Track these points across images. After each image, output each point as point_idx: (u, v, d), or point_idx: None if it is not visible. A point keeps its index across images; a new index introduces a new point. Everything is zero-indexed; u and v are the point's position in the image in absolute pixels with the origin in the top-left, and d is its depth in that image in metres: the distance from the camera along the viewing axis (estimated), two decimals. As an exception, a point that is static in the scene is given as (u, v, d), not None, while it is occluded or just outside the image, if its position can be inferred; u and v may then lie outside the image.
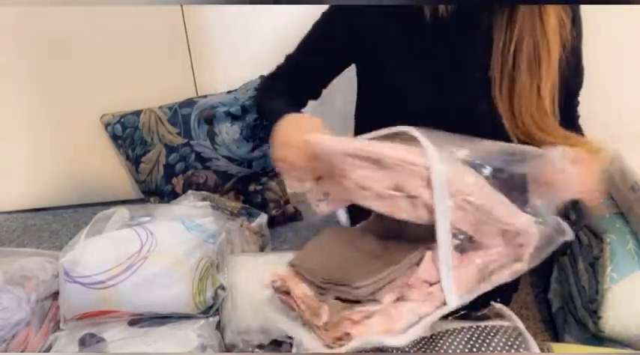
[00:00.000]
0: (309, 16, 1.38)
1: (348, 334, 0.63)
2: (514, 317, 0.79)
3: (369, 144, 0.67)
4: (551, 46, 0.83)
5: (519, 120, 0.87)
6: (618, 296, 0.92)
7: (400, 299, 0.66)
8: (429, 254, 0.67)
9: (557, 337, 1.10)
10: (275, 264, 0.91)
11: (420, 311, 0.65)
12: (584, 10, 0.93)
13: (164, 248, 0.98)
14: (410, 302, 0.65)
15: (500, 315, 0.80)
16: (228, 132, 1.36)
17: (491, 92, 0.87)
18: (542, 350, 0.78)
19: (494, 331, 0.75)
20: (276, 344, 0.98)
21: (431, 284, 0.66)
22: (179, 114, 1.37)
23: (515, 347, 0.72)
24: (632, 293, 0.92)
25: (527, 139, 0.87)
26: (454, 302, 0.65)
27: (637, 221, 1.01)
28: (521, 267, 0.68)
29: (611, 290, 0.92)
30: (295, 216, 1.51)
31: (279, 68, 1.05)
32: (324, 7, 1.01)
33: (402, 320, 0.64)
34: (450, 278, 0.65)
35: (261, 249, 1.30)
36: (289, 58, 1.04)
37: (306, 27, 1.46)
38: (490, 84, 0.87)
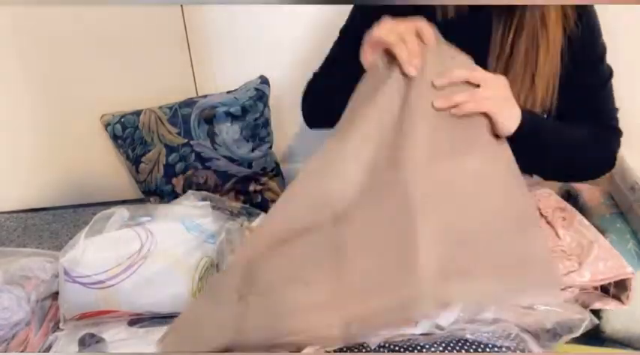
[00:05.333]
0: (309, 15, 1.39)
1: None
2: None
3: None
4: (550, 36, 0.83)
5: None
6: (618, 296, 0.92)
7: None
8: None
9: (557, 337, 1.09)
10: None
11: None
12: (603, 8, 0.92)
13: (164, 248, 0.98)
14: None
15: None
16: (228, 132, 1.36)
17: None
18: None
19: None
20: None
21: None
22: (179, 114, 1.37)
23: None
24: (633, 293, 0.92)
25: None
26: None
27: (637, 221, 1.01)
28: None
29: (612, 290, 0.92)
30: (295, 216, 1.51)
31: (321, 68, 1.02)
32: (325, 8, 1.00)
33: None
34: None
35: (261, 249, 1.30)
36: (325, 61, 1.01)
37: (306, 27, 1.46)
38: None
